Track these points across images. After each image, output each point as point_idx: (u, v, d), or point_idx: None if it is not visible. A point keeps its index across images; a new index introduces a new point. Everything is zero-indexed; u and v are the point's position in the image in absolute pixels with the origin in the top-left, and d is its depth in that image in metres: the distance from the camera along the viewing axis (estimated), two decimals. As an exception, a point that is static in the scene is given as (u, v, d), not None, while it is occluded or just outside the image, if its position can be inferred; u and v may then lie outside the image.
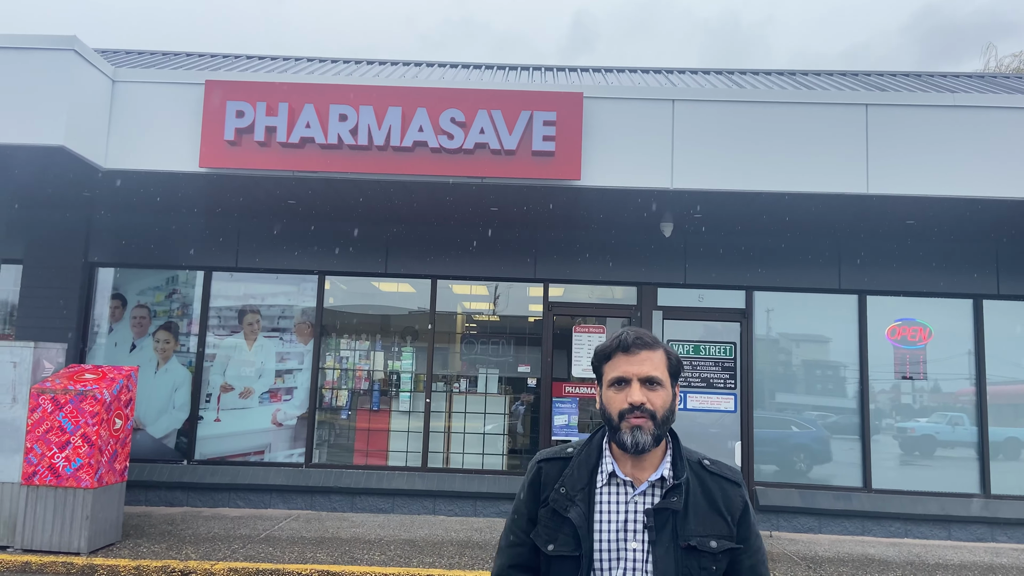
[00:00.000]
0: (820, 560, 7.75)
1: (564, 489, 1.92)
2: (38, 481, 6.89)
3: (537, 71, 11.24)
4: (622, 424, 1.87)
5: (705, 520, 1.88)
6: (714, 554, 1.85)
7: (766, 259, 9.48)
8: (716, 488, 1.93)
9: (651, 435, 1.86)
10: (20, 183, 8.14)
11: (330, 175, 7.50)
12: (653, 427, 1.86)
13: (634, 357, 1.90)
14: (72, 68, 6.96)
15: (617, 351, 1.92)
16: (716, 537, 1.87)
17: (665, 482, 1.90)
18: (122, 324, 9.74)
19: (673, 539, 1.84)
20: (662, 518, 1.86)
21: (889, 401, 9.49)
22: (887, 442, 9.40)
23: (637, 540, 1.85)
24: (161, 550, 7.18)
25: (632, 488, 1.90)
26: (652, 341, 1.94)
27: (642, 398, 1.86)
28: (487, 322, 9.85)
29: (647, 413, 1.86)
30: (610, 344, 1.94)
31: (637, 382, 1.88)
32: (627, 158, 7.51)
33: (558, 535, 1.88)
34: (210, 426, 9.51)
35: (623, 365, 1.90)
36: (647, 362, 1.90)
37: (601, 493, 1.91)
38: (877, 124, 7.53)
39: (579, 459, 1.97)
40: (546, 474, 1.98)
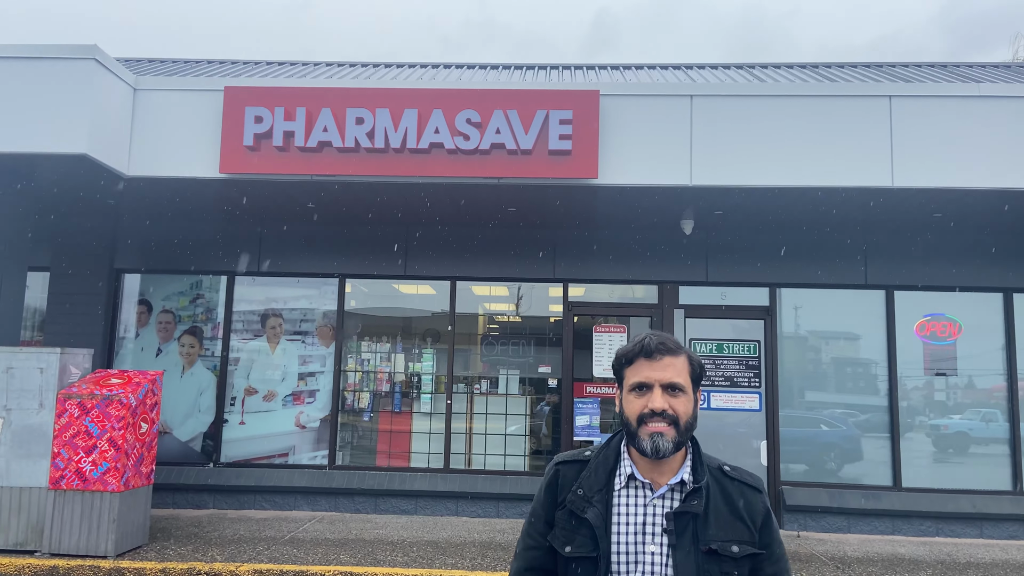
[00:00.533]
0: (848, 560, 7.63)
1: (581, 491, 1.91)
2: (65, 485, 6.99)
3: (555, 70, 11.20)
4: (640, 429, 1.86)
5: (726, 525, 1.86)
6: (736, 559, 1.83)
7: (790, 255, 9.36)
8: (737, 494, 1.92)
9: (672, 442, 1.84)
10: (46, 191, 8.27)
11: (348, 178, 7.52)
12: (675, 434, 1.85)
13: (657, 363, 1.87)
14: (93, 77, 7.05)
15: (640, 356, 1.89)
16: (738, 542, 1.84)
17: (685, 486, 1.88)
18: (148, 329, 9.86)
19: (694, 543, 1.82)
20: (682, 522, 1.84)
21: (919, 398, 9.32)
22: (917, 440, 9.23)
23: (656, 543, 1.84)
24: (187, 552, 7.26)
25: (651, 491, 1.89)
26: (675, 347, 1.91)
27: (664, 404, 1.84)
28: (507, 323, 9.84)
29: (669, 419, 1.84)
30: (632, 348, 1.91)
31: (659, 388, 1.86)
32: (645, 155, 7.45)
33: (575, 536, 1.87)
34: (235, 429, 9.60)
35: (645, 370, 1.88)
36: (670, 368, 1.87)
37: (619, 495, 1.90)
38: (901, 116, 7.39)
39: (597, 461, 1.96)
40: (563, 476, 1.97)
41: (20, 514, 7.04)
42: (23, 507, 7.05)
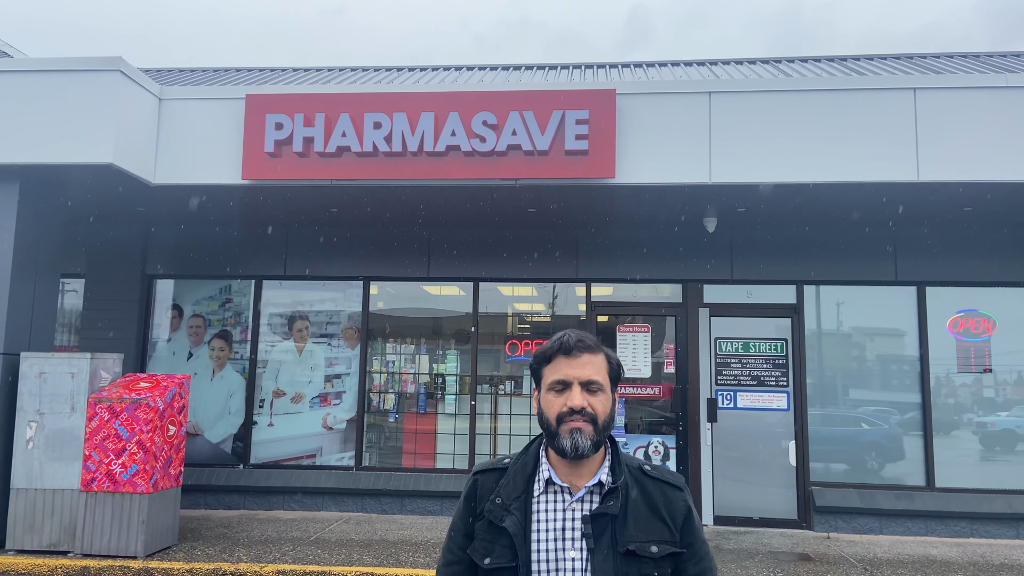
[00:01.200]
0: (878, 562, 7.48)
1: (499, 499, 1.85)
2: (96, 487, 7.16)
3: (577, 69, 11.17)
4: (560, 428, 1.80)
5: (645, 525, 1.80)
6: (655, 560, 1.77)
7: (817, 252, 9.21)
8: (657, 493, 1.86)
9: (591, 440, 1.79)
10: (77, 200, 8.49)
11: (367, 182, 7.60)
12: (593, 432, 1.80)
13: (575, 360, 1.83)
14: (118, 88, 7.23)
15: (558, 353, 1.85)
16: (657, 542, 1.79)
17: (603, 487, 1.83)
18: (179, 333, 10.07)
19: (612, 545, 1.77)
20: (600, 524, 1.79)
21: (953, 396, 9.11)
22: (951, 439, 9.01)
23: (576, 548, 1.78)
24: (215, 553, 7.39)
25: (570, 495, 1.84)
26: (594, 345, 1.87)
27: (583, 402, 1.80)
28: (531, 323, 9.84)
29: (588, 417, 1.79)
30: (551, 346, 1.88)
31: (578, 386, 1.82)
32: (663, 154, 7.40)
33: (494, 547, 1.81)
34: (264, 431, 9.76)
35: (564, 368, 1.84)
36: (589, 366, 1.83)
37: (538, 501, 1.84)
38: (926, 108, 7.23)
39: (515, 468, 1.91)
40: (482, 486, 1.92)
41: (53, 516, 7.24)
42: (56, 509, 7.24)
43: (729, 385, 9.20)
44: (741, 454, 9.14)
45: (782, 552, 7.82)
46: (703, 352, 9.22)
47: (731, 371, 9.22)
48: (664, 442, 9.20)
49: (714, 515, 8.96)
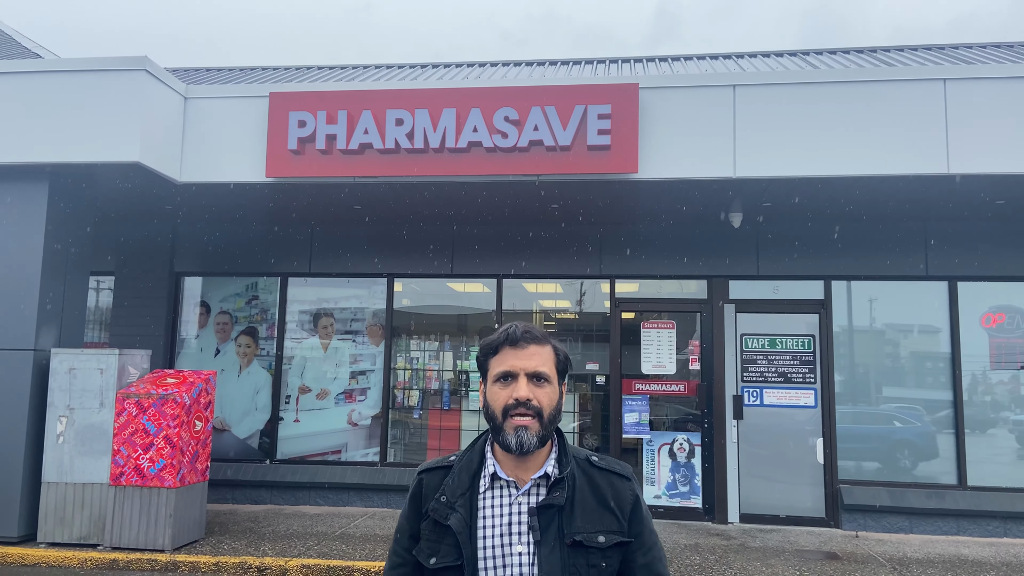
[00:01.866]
0: (908, 561, 7.36)
1: (444, 497, 1.80)
2: (125, 481, 7.27)
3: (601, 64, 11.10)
4: (506, 424, 1.75)
5: (592, 516, 1.77)
6: (602, 549, 1.74)
7: (845, 247, 9.07)
8: (605, 483, 1.82)
9: (536, 436, 1.74)
10: (106, 199, 8.62)
11: (389, 179, 7.62)
12: (539, 427, 1.75)
13: (522, 351, 1.79)
14: (144, 87, 7.31)
15: (504, 344, 1.80)
16: (604, 532, 1.75)
17: (549, 479, 1.79)
18: (207, 330, 10.18)
19: (559, 537, 1.73)
20: (547, 516, 1.75)
21: (986, 393, 8.92)
22: (984, 436, 8.83)
23: (522, 543, 1.74)
24: (240, 547, 7.47)
25: (516, 489, 1.79)
26: (541, 336, 1.83)
27: (529, 394, 1.75)
28: (555, 319, 9.81)
29: (533, 410, 1.74)
30: (497, 337, 1.83)
31: (524, 377, 1.76)
32: (686, 148, 7.33)
33: (440, 547, 1.76)
34: (290, 427, 9.84)
35: (510, 359, 1.78)
36: (535, 356, 1.79)
37: (484, 498, 1.80)
38: (956, 100, 7.08)
39: (460, 464, 1.86)
40: (427, 485, 1.87)
41: (83, 509, 7.36)
42: (86, 502, 7.36)
43: (755, 382, 9.09)
44: (767, 451, 9.03)
45: (809, 551, 7.72)
46: (729, 348, 9.13)
47: (757, 368, 9.11)
48: (689, 439, 9.12)
49: (740, 513, 8.87)
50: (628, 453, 9.22)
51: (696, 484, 9.06)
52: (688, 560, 7.25)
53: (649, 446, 9.18)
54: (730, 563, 7.19)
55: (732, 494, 8.90)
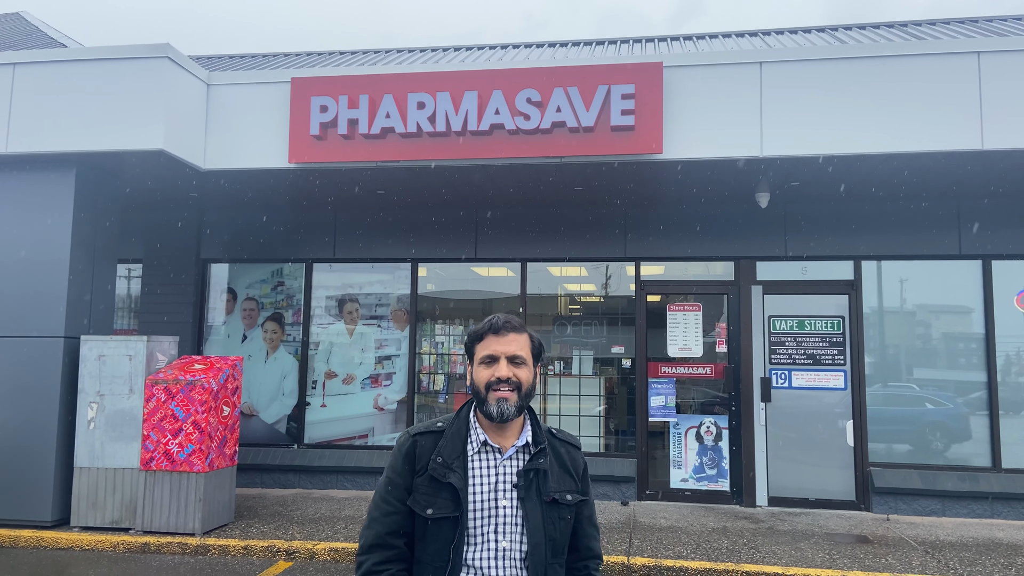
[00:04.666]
0: (940, 545, 7.25)
1: (441, 458, 2.12)
2: (155, 466, 7.36)
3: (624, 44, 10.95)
4: (489, 395, 2.11)
5: (560, 478, 2.18)
6: (569, 506, 2.18)
7: (875, 226, 8.90)
8: (564, 452, 2.25)
9: (515, 406, 2.11)
10: (132, 187, 8.68)
11: (411, 163, 7.58)
12: (517, 399, 2.12)
13: (503, 338, 2.14)
14: (167, 74, 7.33)
15: (489, 333, 2.16)
16: (570, 491, 2.19)
17: (528, 448, 2.18)
18: (234, 316, 10.26)
19: (539, 495, 2.12)
20: (529, 478, 2.13)
21: (1020, 374, 8.72)
22: (1020, 418, 8.65)
23: (507, 498, 2.11)
24: (269, 531, 7.54)
25: (500, 454, 2.16)
26: (519, 325, 2.19)
27: (509, 373, 2.11)
28: (580, 303, 9.75)
29: (513, 385, 2.11)
30: (482, 327, 2.18)
31: (505, 360, 2.12)
32: (712, 127, 7.21)
33: (436, 500, 2.08)
34: (317, 411, 9.90)
35: (493, 345, 2.14)
36: (514, 343, 2.15)
37: (474, 460, 2.14)
38: (991, 73, 6.89)
39: (451, 431, 2.18)
40: (421, 446, 2.16)
41: (115, 494, 7.46)
42: (117, 487, 7.47)
43: (783, 364, 8.98)
44: (796, 434, 8.93)
45: (839, 534, 7.63)
46: (756, 331, 9.01)
47: (785, 350, 9.00)
48: (716, 422, 9.05)
49: (768, 496, 8.79)
50: (654, 437, 9.17)
51: (724, 467, 8.98)
52: (716, 544, 7.20)
53: (676, 429, 9.12)
54: (758, 547, 7.12)
55: (760, 477, 8.81)
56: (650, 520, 8.11)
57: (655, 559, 6.67)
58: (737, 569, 6.46)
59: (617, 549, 6.96)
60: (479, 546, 2.08)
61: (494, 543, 2.09)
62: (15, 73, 7.57)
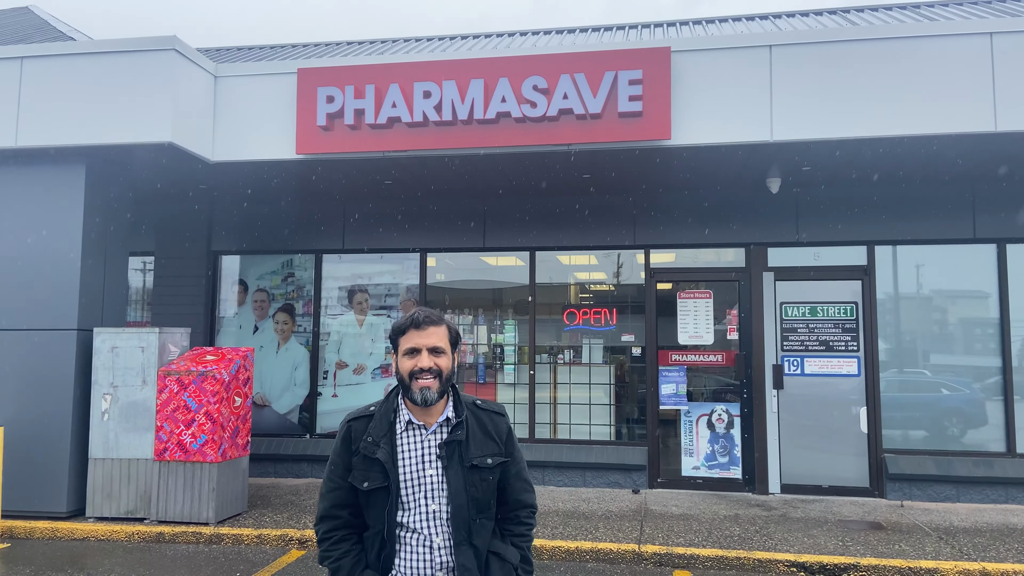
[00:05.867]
0: (954, 530, 7.20)
1: (371, 438, 2.42)
2: (168, 457, 7.41)
3: (632, 29, 10.87)
4: (413, 383, 2.38)
5: (481, 444, 2.46)
6: (491, 468, 2.46)
7: (888, 210, 8.81)
8: (487, 420, 2.52)
9: (437, 392, 2.39)
10: (142, 179, 8.72)
11: (418, 153, 7.56)
12: (439, 385, 2.39)
13: (423, 331, 2.40)
14: (174, 67, 7.34)
15: (410, 327, 2.42)
16: (491, 455, 2.46)
17: (450, 422, 2.46)
18: (245, 308, 10.30)
19: (460, 463, 2.41)
20: (451, 448, 2.42)
21: (1037, 359, 8.64)
22: (1035, 403, 8.56)
23: (432, 467, 2.41)
24: (282, 520, 7.59)
25: (425, 430, 2.44)
26: (437, 319, 2.45)
27: (430, 363, 2.38)
28: (589, 291, 9.72)
29: (434, 373, 2.38)
30: (404, 322, 2.44)
31: (426, 351, 2.39)
32: (721, 112, 7.14)
33: (370, 474, 2.40)
34: (328, 401, 9.94)
35: (415, 338, 2.40)
36: (434, 335, 2.41)
37: (402, 437, 2.43)
38: (1004, 53, 6.78)
39: (380, 413, 2.47)
40: (355, 430, 2.48)
41: (129, 484, 7.53)
42: (132, 477, 7.53)
43: (796, 351, 8.92)
44: (809, 421, 8.88)
45: (852, 520, 7.60)
46: (768, 317, 8.96)
47: (798, 336, 8.94)
48: (728, 410, 9.01)
49: (781, 483, 8.75)
50: (665, 425, 9.15)
51: (736, 455, 8.95)
52: (728, 531, 7.18)
53: (687, 417, 9.09)
54: (771, 534, 7.10)
55: (773, 464, 8.78)
56: (661, 508, 8.10)
57: (667, 547, 6.66)
58: (749, 556, 6.44)
59: (628, 537, 6.96)
60: (412, 510, 2.39)
61: (424, 507, 2.39)
62: (23, 67, 7.60)
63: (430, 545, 2.38)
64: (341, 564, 2.44)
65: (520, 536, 2.58)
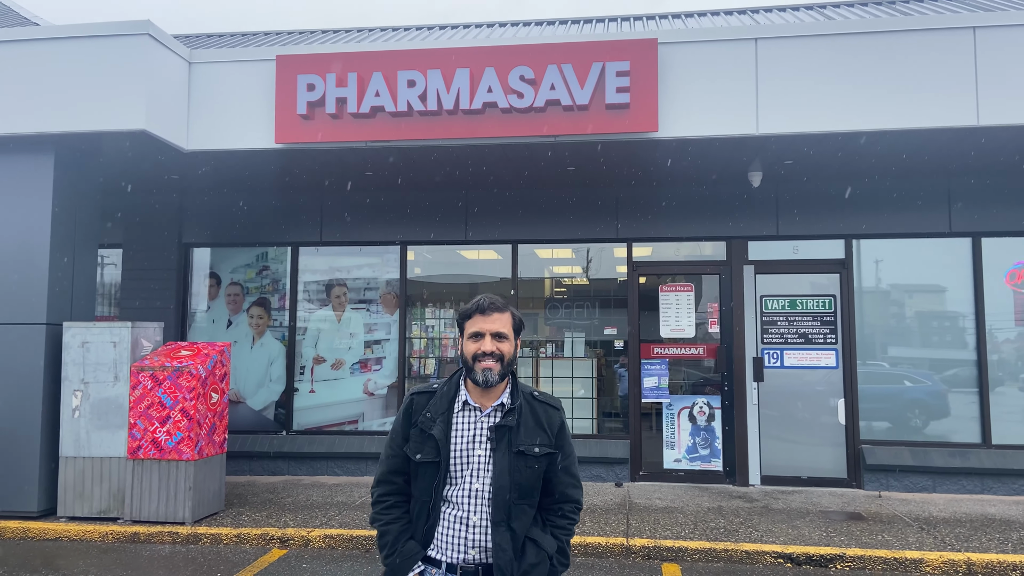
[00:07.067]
0: (934, 521, 7.28)
1: (429, 414, 2.55)
2: (143, 455, 7.20)
3: (613, 22, 10.82)
4: (475, 365, 2.51)
5: (532, 433, 2.54)
6: (537, 457, 2.53)
7: (867, 204, 8.88)
8: (542, 411, 2.61)
9: (498, 375, 2.52)
10: (113, 169, 8.44)
11: (402, 143, 7.43)
12: (500, 368, 2.52)
13: (488, 317, 2.54)
14: (148, 52, 7.11)
15: (476, 312, 2.55)
16: (540, 445, 2.54)
17: (504, 407, 2.56)
18: (218, 301, 10.06)
19: (508, 447, 2.51)
20: (501, 433, 2.53)
21: (1011, 351, 8.78)
22: (1009, 395, 8.71)
23: (482, 448, 2.52)
24: (261, 518, 7.41)
25: (480, 412, 2.56)
26: (502, 305, 2.57)
27: (493, 347, 2.51)
28: (571, 285, 9.67)
29: (496, 357, 2.51)
30: (471, 307, 2.57)
31: (489, 336, 2.52)
32: (708, 105, 7.12)
33: (424, 447, 2.52)
34: (305, 397, 9.76)
35: (480, 323, 2.54)
36: (498, 321, 2.54)
37: (457, 416, 2.56)
38: (987, 48, 6.85)
39: (442, 391, 2.61)
40: (416, 403, 2.61)
41: (102, 483, 7.30)
42: (104, 476, 7.30)
43: (775, 343, 8.96)
44: (788, 413, 8.94)
45: (833, 511, 7.65)
46: (748, 310, 8.99)
47: (777, 329, 8.98)
48: (709, 402, 9.03)
49: (761, 475, 8.80)
50: (647, 418, 9.13)
51: (716, 447, 8.97)
52: (712, 523, 7.18)
53: (669, 410, 9.08)
54: (755, 525, 7.12)
55: (753, 456, 8.82)
56: (645, 501, 8.08)
57: (654, 540, 6.64)
58: (737, 548, 6.45)
59: (615, 531, 6.92)
60: (457, 486, 2.51)
61: (469, 484, 2.50)
62: (-11, 51, 7.30)
63: (467, 522, 2.49)
64: (389, 529, 2.58)
65: (561, 528, 2.66)
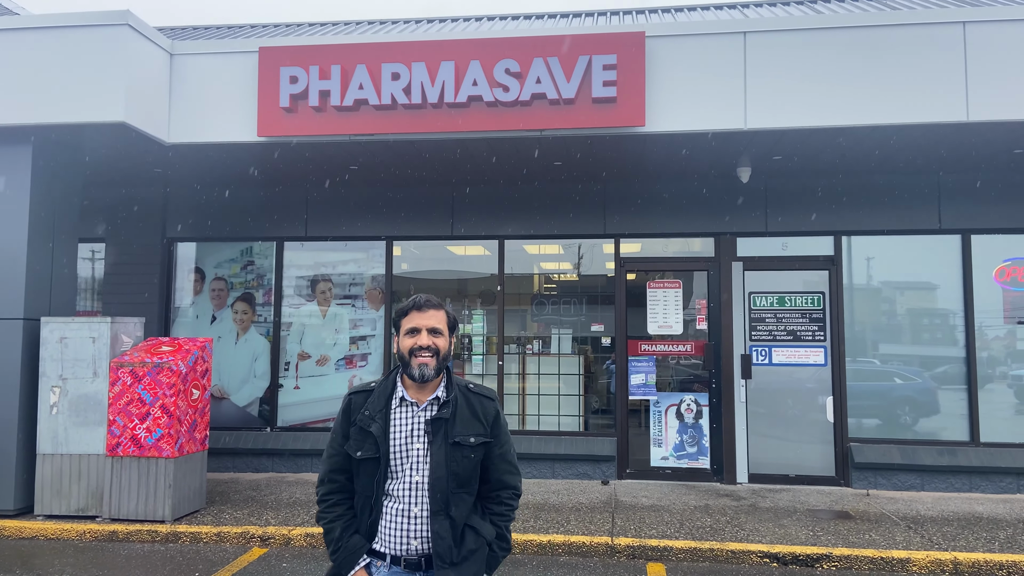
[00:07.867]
0: (922, 519, 7.24)
1: (368, 411, 2.63)
2: (122, 452, 7.08)
3: (602, 16, 10.72)
4: (412, 360, 2.58)
5: (467, 424, 2.63)
6: (473, 446, 2.62)
7: (856, 201, 8.83)
8: (477, 402, 2.70)
9: (434, 369, 2.59)
10: (93, 162, 8.31)
11: (386, 137, 7.32)
12: (436, 363, 2.60)
13: (424, 313, 2.62)
14: (128, 43, 6.98)
15: (412, 309, 2.64)
16: (475, 435, 2.63)
17: (439, 400, 2.64)
18: (202, 297, 9.94)
19: (444, 439, 2.59)
20: (437, 425, 2.60)
21: (1000, 348, 8.74)
22: (997, 392, 8.68)
23: (420, 442, 2.60)
24: (242, 516, 7.32)
25: (416, 407, 2.64)
26: (437, 303, 2.66)
27: (429, 341, 2.59)
28: (558, 281, 9.59)
29: (432, 351, 2.58)
30: (407, 305, 2.65)
31: (425, 331, 2.60)
32: (696, 99, 7.04)
33: (364, 444, 2.60)
34: (290, 394, 9.65)
35: (416, 319, 2.62)
36: (433, 317, 2.63)
37: (395, 412, 2.63)
38: (977, 43, 6.79)
39: (379, 390, 2.68)
40: (354, 403, 2.69)
41: (80, 480, 7.19)
42: (83, 474, 7.19)
43: (764, 340, 8.91)
44: (776, 411, 8.88)
45: (821, 510, 7.60)
46: (736, 307, 8.93)
47: (766, 326, 8.92)
48: (696, 400, 8.96)
49: (749, 473, 8.74)
50: (634, 415, 9.07)
51: (704, 445, 8.92)
52: (699, 522, 7.12)
53: (656, 407, 9.02)
54: (742, 524, 7.06)
55: (741, 454, 8.76)
56: (631, 499, 8.01)
57: (639, 539, 6.57)
58: (723, 548, 6.38)
59: (600, 529, 6.85)
60: (398, 480, 2.58)
61: (409, 477, 2.58)
62: (-36, 41, 7.16)
63: (408, 514, 2.57)
64: (334, 526, 2.66)
65: (499, 515, 2.75)
